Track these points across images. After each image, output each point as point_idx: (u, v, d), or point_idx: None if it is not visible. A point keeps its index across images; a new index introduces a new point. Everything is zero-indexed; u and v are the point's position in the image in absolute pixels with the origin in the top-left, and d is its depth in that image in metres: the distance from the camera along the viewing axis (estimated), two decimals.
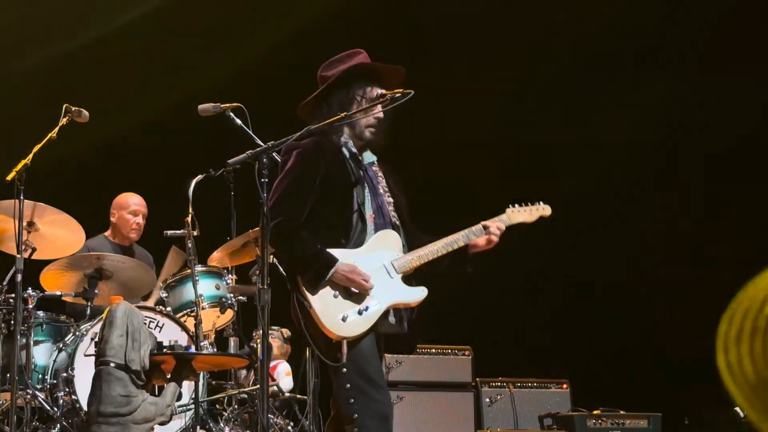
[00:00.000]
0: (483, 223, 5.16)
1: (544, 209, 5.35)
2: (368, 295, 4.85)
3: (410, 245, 5.09)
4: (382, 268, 4.94)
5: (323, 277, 4.81)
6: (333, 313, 4.81)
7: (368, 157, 5.17)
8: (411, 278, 5.03)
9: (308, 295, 4.84)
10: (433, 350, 8.37)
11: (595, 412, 8.44)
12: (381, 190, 5.12)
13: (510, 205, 5.28)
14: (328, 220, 4.96)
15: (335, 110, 5.05)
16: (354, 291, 4.86)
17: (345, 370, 4.78)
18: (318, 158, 4.98)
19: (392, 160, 5.34)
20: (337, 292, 4.85)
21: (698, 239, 10.24)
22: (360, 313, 4.84)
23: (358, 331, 4.82)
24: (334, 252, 4.87)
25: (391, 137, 5.18)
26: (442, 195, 10.15)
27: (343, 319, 4.80)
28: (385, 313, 4.92)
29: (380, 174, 5.19)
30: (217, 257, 7.64)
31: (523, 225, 5.32)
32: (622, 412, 8.47)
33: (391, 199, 5.14)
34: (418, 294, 4.99)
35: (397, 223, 5.11)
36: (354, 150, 5.11)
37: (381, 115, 5.09)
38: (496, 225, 5.14)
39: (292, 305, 4.90)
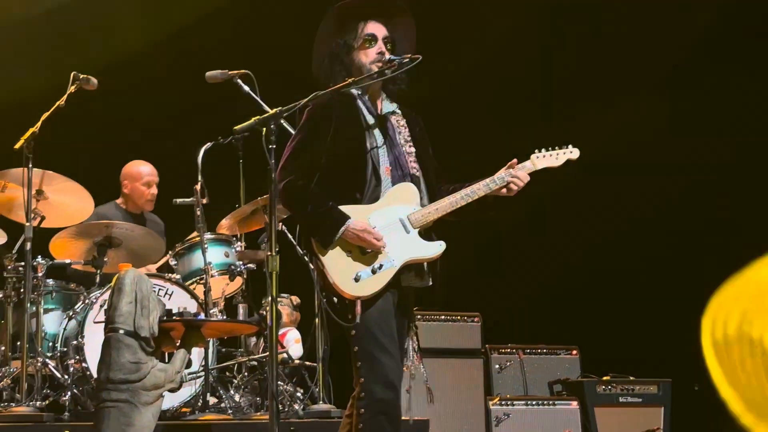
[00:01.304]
0: (505, 170, 4.96)
1: (571, 152, 5.05)
2: (382, 253, 4.77)
3: (433, 196, 4.97)
4: (397, 223, 4.83)
5: (334, 235, 4.74)
6: (346, 272, 4.75)
7: (387, 107, 5.06)
8: (430, 231, 4.92)
9: (320, 254, 4.80)
10: (443, 317, 8.37)
11: (604, 378, 8.45)
12: (401, 141, 4.99)
13: (536, 151, 5.03)
14: (342, 176, 4.87)
15: (336, 60, 5.01)
16: (367, 249, 4.79)
17: (354, 332, 4.72)
18: (328, 114, 4.91)
19: (419, 108, 5.24)
20: (350, 251, 4.78)
21: (711, 207, 10.20)
22: (373, 271, 4.75)
23: (372, 291, 4.73)
24: (348, 209, 4.79)
25: (408, 83, 5.08)
26: (467, 143, 10.08)
27: (356, 279, 4.73)
28: (406, 269, 4.83)
29: (401, 124, 5.06)
30: (226, 225, 7.65)
31: (550, 170, 5.05)
32: (631, 378, 8.48)
33: (412, 149, 5.00)
34: (435, 248, 4.86)
35: (417, 174, 4.97)
36: (368, 101, 5.03)
37: (382, 48, 4.99)
38: (518, 174, 4.92)
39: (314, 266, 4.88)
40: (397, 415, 4.76)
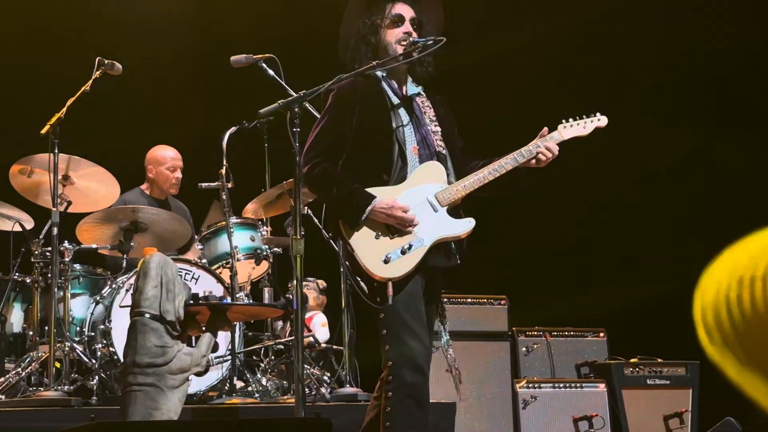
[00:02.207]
0: (533, 143, 4.93)
1: (599, 120, 5.04)
2: (411, 233, 4.74)
3: (460, 174, 4.95)
4: (425, 203, 4.81)
5: (360, 216, 4.72)
6: (375, 254, 4.72)
7: (411, 88, 5.06)
8: (459, 209, 4.91)
9: (348, 236, 4.78)
10: (469, 300, 8.34)
11: (632, 360, 8.40)
12: (426, 120, 4.98)
13: (563, 121, 5.01)
14: (368, 158, 4.86)
15: (363, 41, 5.00)
16: (396, 229, 4.75)
17: (383, 315, 4.70)
18: (353, 96, 4.90)
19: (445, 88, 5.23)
20: (379, 232, 4.76)
21: (743, 185, 10.14)
22: (403, 252, 4.73)
23: (402, 272, 4.71)
24: (374, 190, 4.78)
25: (433, 66, 5.06)
26: (495, 117, 10.04)
27: (386, 260, 4.70)
28: (434, 248, 4.81)
29: (426, 105, 5.04)
30: (251, 209, 7.65)
31: (579, 139, 5.04)
32: (659, 360, 8.43)
33: (437, 128, 4.98)
34: (465, 226, 4.84)
35: (444, 152, 4.96)
36: (394, 83, 5.02)
37: (409, 29, 4.98)
38: (546, 145, 4.88)
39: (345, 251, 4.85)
40: (425, 398, 4.75)
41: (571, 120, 5.00)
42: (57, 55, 9.56)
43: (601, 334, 8.81)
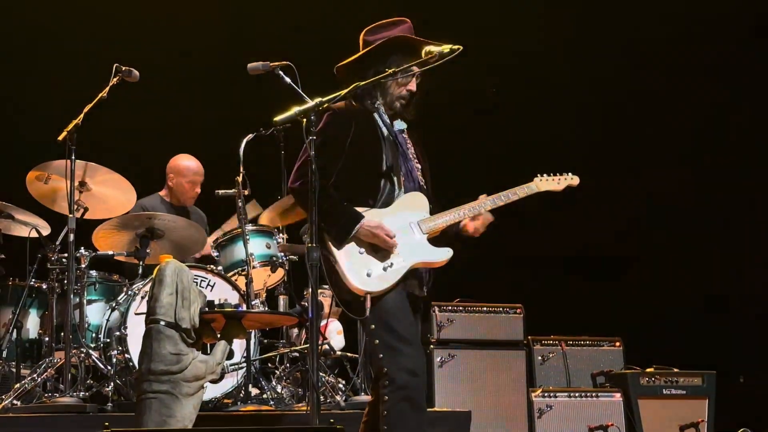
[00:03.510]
0: (511, 189, 5.24)
1: (572, 179, 5.43)
2: (393, 252, 4.92)
3: (433, 209, 5.14)
4: (408, 227, 5.01)
5: (349, 232, 4.90)
6: (358, 268, 4.90)
7: (398, 124, 5.19)
8: (438, 240, 5.07)
9: (334, 250, 4.93)
10: (485, 308, 8.33)
11: (648, 369, 8.37)
12: (410, 156, 5.16)
13: (538, 175, 5.35)
14: (357, 181, 5.01)
15: (371, 76, 5.04)
16: (379, 247, 4.93)
17: (373, 326, 4.87)
18: (349, 120, 5.02)
19: (425, 127, 5.38)
20: (363, 249, 4.94)
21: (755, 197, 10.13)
22: (384, 269, 4.91)
23: (383, 287, 4.89)
24: (362, 211, 4.95)
25: (418, 112, 5.21)
26: (468, 165, 10.15)
27: (368, 275, 4.89)
28: (410, 274, 4.97)
29: (409, 141, 5.23)
30: (267, 217, 7.66)
31: (551, 194, 5.39)
32: (675, 370, 8.40)
33: (419, 165, 5.20)
34: (443, 254, 5.03)
35: (425, 187, 5.18)
36: (385, 116, 5.15)
37: (413, 88, 5.13)
38: (482, 218, 5.16)
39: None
40: (421, 400, 4.87)
41: (545, 175, 5.37)
42: (75, 62, 9.58)
43: (617, 344, 8.79)
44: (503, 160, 10.00)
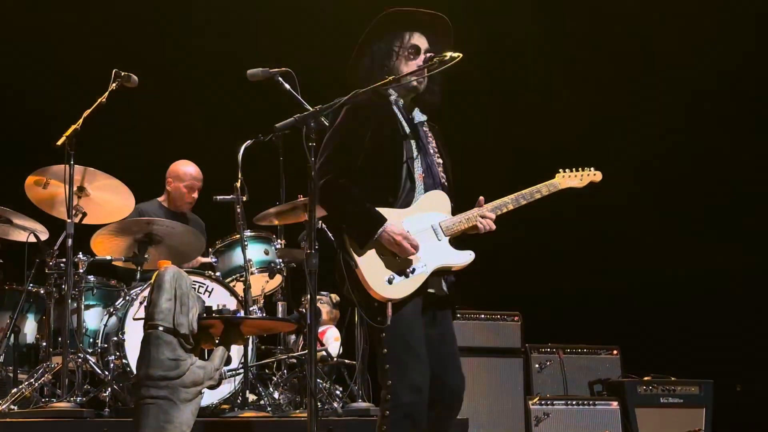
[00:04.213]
0: (534, 187, 5.12)
1: (594, 175, 5.34)
2: (414, 258, 4.79)
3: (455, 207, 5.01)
4: (429, 230, 4.88)
5: (371, 236, 4.75)
6: (379, 274, 4.77)
7: (418, 116, 5.09)
8: (459, 241, 4.95)
9: (354, 254, 4.79)
10: (483, 316, 8.34)
11: (645, 378, 8.38)
12: (431, 150, 5.05)
13: (561, 170, 5.25)
14: (377, 178, 4.88)
15: (377, 63, 5.03)
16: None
17: (384, 334, 4.73)
18: (368, 114, 4.93)
19: (445, 121, 5.28)
20: (384, 253, 4.79)
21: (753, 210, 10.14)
22: (406, 275, 4.78)
23: (403, 294, 4.76)
24: (383, 212, 4.81)
25: (441, 97, 5.11)
26: (493, 160, 10.12)
27: (389, 281, 4.75)
28: (434, 275, 4.86)
29: (430, 134, 5.12)
30: (263, 217, 7.67)
31: (574, 190, 5.29)
32: (672, 379, 8.41)
33: (440, 160, 5.07)
34: (465, 257, 4.91)
35: (446, 183, 5.04)
36: (403, 110, 5.05)
37: (424, 57, 5.01)
38: (489, 218, 4.97)
39: (337, 265, 4.86)
40: (422, 418, 4.74)
41: (567, 170, 5.27)
42: (74, 67, 9.59)
43: (615, 352, 8.80)
44: (524, 155, 10.00)
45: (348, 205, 4.84)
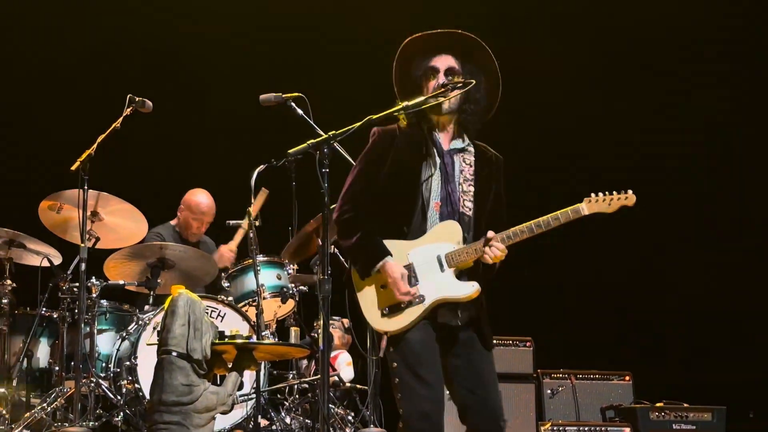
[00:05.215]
0: (553, 214, 4.84)
1: (626, 198, 4.87)
2: (414, 290, 4.75)
3: (478, 238, 4.86)
4: (435, 261, 4.82)
5: (371, 269, 4.78)
6: (376, 305, 4.79)
7: (458, 143, 5.01)
8: (472, 271, 4.87)
9: (357, 285, 4.86)
10: (494, 341, 8.31)
11: (658, 404, 8.35)
12: (460, 178, 4.95)
13: (593, 194, 4.87)
14: (392, 208, 4.87)
15: (405, 89, 5.01)
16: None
17: (395, 364, 4.75)
18: (389, 143, 4.93)
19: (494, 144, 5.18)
20: (385, 285, 4.80)
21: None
22: (400, 309, 4.77)
23: (397, 327, 4.76)
24: (392, 243, 4.81)
25: (481, 118, 5.01)
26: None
27: (384, 313, 4.77)
28: (441, 306, 4.80)
29: (467, 161, 5.00)
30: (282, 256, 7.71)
31: (602, 215, 4.92)
32: (685, 405, 8.37)
33: (470, 188, 4.94)
34: (466, 289, 4.81)
35: (468, 214, 4.92)
36: (438, 135, 5.00)
37: (442, 80, 4.94)
38: (497, 247, 4.77)
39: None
40: None
41: (600, 194, 4.87)
42: (88, 92, 9.64)
43: (627, 378, 8.76)
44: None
45: (353, 238, 4.84)
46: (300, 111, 6.55)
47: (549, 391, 8.53)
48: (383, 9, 9.86)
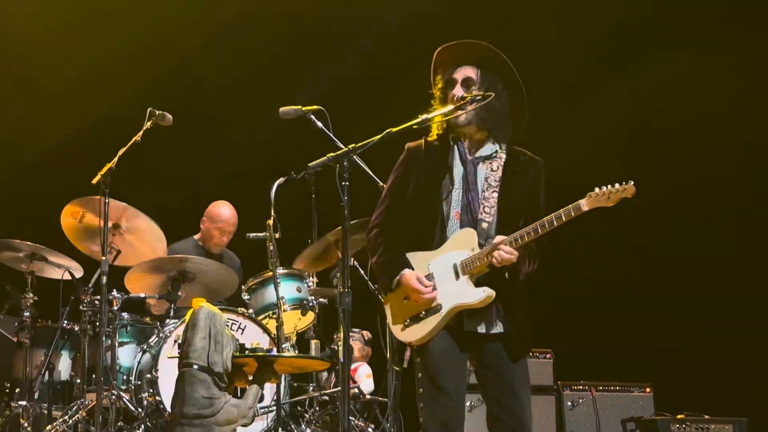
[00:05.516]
0: (555, 213, 4.75)
1: (625, 190, 4.71)
2: (432, 300, 4.81)
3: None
4: (451, 269, 4.86)
5: (389, 286, 4.90)
6: (399, 316, 4.88)
7: (487, 149, 5.01)
8: (491, 277, 4.84)
9: (383, 299, 4.99)
10: None
11: (678, 416, 8.33)
12: (483, 186, 4.94)
13: (597, 188, 4.74)
14: (417, 221, 4.95)
15: (436, 101, 5.06)
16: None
17: (420, 374, 4.81)
18: (415, 157, 5.02)
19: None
20: (407, 297, 4.87)
21: None
22: (418, 319, 4.83)
23: (417, 336, 4.82)
24: (415, 255, 4.88)
25: (501, 123, 5.01)
26: None
27: (407, 324, 4.85)
28: (467, 314, 4.82)
29: (494, 168, 4.99)
30: (299, 264, 7.70)
31: (604, 211, 4.81)
32: (706, 417, 8.35)
33: (493, 195, 4.92)
34: (477, 294, 4.80)
35: (488, 220, 4.89)
36: (463, 145, 5.02)
37: (459, 91, 4.97)
38: (503, 250, 4.74)
39: None
40: None
41: (603, 187, 4.75)
42: (109, 107, 9.68)
43: (648, 390, 8.74)
44: None
45: (375, 255, 4.96)
46: (320, 124, 6.56)
47: (569, 403, 8.52)
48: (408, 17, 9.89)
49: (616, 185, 4.75)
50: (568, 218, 4.73)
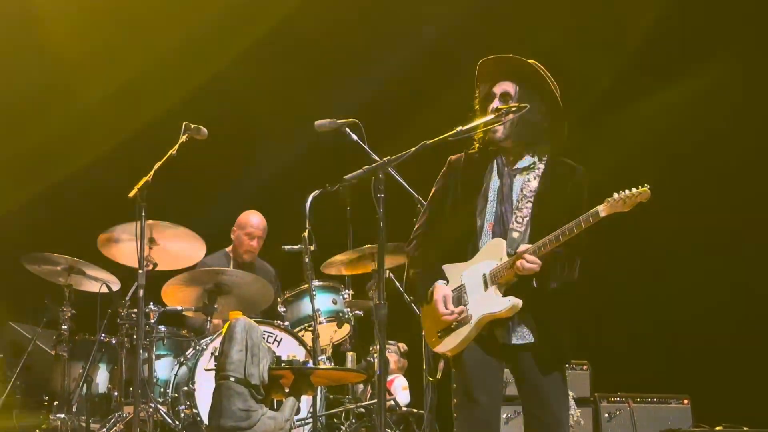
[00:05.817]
0: (574, 220, 4.70)
1: (640, 194, 4.67)
2: (463, 311, 4.84)
3: None
4: (481, 279, 4.87)
5: (423, 299, 4.96)
6: (433, 328, 4.92)
7: (524, 161, 5.02)
8: (519, 286, 4.83)
9: (420, 311, 5.06)
10: None
11: (717, 428, 8.27)
12: (518, 197, 4.94)
13: (615, 194, 4.70)
14: (454, 231, 4.99)
15: (476, 113, 5.08)
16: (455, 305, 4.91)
17: (455, 385, 4.86)
18: (455, 171, 5.08)
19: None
20: None
21: None
22: (449, 330, 4.86)
23: (449, 347, 4.86)
24: (450, 267, 4.95)
25: (540, 133, 4.99)
26: None
27: (439, 336, 4.89)
28: (497, 325, 4.82)
29: (529, 179, 4.98)
30: (334, 263, 7.72)
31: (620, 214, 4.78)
32: (745, 429, 8.28)
33: (527, 205, 4.91)
34: (503, 304, 4.79)
35: (519, 230, 4.88)
36: (501, 158, 5.03)
37: (496, 104, 4.97)
38: (526, 259, 4.72)
39: None
40: None
41: (621, 192, 4.71)
42: (145, 121, 9.74)
43: (686, 401, 8.68)
44: None
45: (410, 270, 5.06)
46: (355, 136, 6.57)
47: (606, 415, 8.47)
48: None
49: (633, 189, 4.71)
50: (587, 224, 4.71)
